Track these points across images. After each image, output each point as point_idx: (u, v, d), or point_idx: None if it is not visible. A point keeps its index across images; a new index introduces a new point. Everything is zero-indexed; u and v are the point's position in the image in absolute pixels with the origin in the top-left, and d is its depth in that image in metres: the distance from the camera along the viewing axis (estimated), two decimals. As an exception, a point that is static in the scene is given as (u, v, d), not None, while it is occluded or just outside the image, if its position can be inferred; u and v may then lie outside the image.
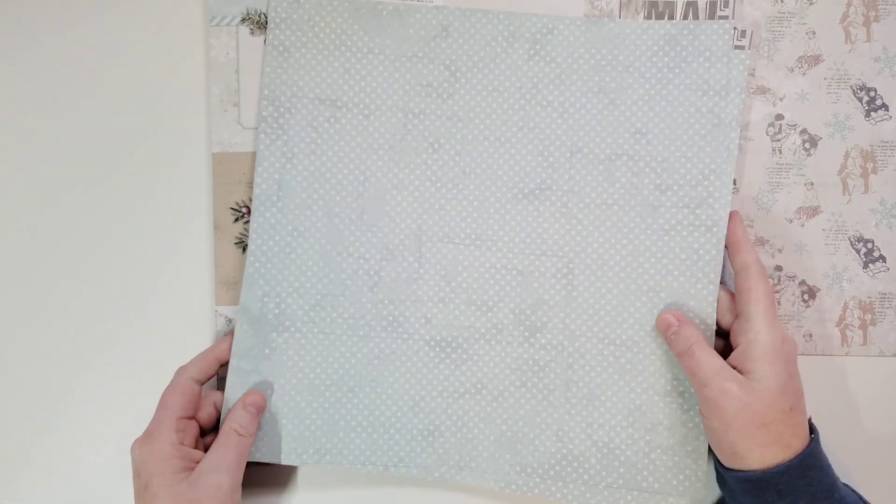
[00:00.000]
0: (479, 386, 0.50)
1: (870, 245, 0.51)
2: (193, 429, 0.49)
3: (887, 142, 0.51)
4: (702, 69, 0.50)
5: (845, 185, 0.51)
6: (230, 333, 0.51)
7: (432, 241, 0.51)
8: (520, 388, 0.50)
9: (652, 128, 0.51)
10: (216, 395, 0.51)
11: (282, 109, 0.51)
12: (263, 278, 0.51)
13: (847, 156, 0.51)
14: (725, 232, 0.49)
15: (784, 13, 0.52)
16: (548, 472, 0.49)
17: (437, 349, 0.51)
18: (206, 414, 0.51)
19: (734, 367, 0.45)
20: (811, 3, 0.51)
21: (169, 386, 0.49)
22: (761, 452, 0.43)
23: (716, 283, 0.50)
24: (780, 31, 0.52)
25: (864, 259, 0.52)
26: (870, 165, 0.51)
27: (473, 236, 0.51)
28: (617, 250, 0.50)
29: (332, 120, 0.52)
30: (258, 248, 0.51)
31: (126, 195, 0.55)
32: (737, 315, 0.48)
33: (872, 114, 0.51)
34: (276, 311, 0.51)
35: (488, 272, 0.51)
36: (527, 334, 0.51)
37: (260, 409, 0.50)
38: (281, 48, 0.52)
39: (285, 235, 0.51)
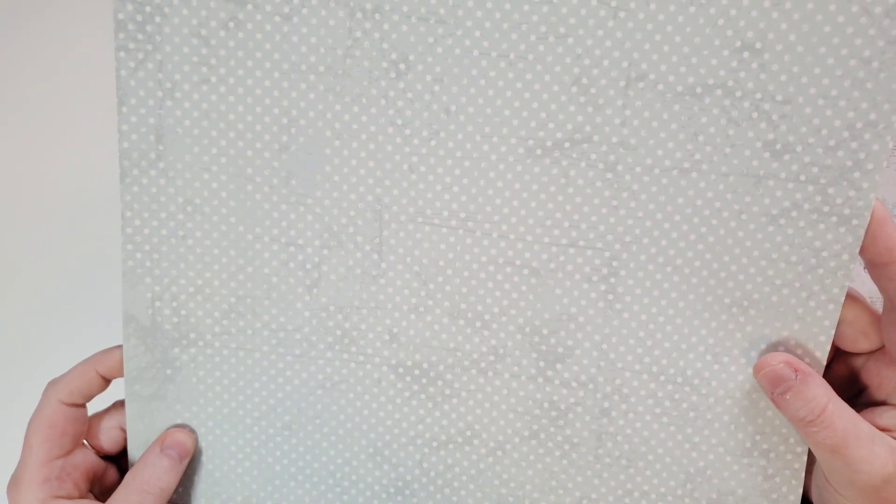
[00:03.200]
0: (468, 434, 0.35)
1: None
2: (79, 467, 0.35)
3: None
4: None
5: None
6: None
7: (399, 219, 0.33)
8: (529, 439, 0.34)
9: (773, 41, 0.29)
10: (121, 414, 0.37)
11: (147, 8, 0.31)
12: (150, 274, 0.34)
13: None
14: (865, 226, 0.30)
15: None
16: None
17: (408, 378, 0.35)
18: (109, 440, 0.37)
19: (884, 429, 0.31)
20: None
21: (34, 413, 0.35)
22: None
23: (839, 304, 0.31)
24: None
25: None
26: None
27: (462, 214, 0.33)
28: (690, 243, 0.32)
29: (231, 25, 0.31)
30: (136, 231, 0.34)
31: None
32: (890, 357, 0.31)
33: None
34: (175, 319, 0.35)
35: (484, 270, 0.33)
36: (542, 364, 0.34)
37: (184, 454, 0.35)
38: None
39: (174, 211, 0.33)
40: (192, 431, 0.36)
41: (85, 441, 0.37)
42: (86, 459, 0.36)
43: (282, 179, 0.33)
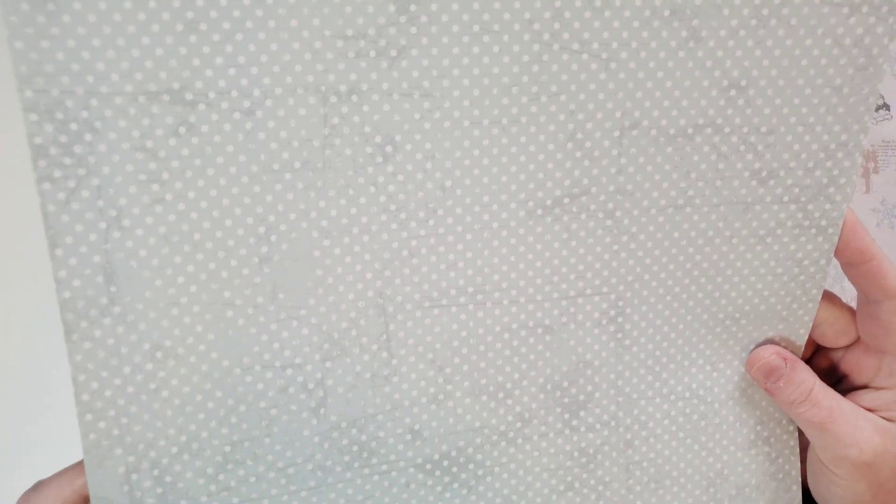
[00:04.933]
0: None
1: None
2: None
3: (888, 142, 0.51)
4: None
5: None
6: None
7: (405, 310, 0.30)
8: (565, 492, 0.34)
9: (757, 78, 0.30)
10: None
11: (73, 125, 0.25)
12: (121, 444, 0.28)
13: None
14: (839, 233, 0.32)
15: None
16: None
17: (438, 472, 0.32)
18: None
19: (868, 409, 0.34)
20: None
21: None
22: None
23: (817, 302, 0.34)
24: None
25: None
26: (871, 165, 0.53)
27: (470, 289, 0.31)
28: (686, 271, 0.32)
29: (182, 131, 0.26)
30: (95, 395, 0.28)
31: None
32: (865, 346, 0.34)
33: (874, 114, 0.50)
34: (158, 489, 0.29)
35: (500, 340, 0.32)
36: (567, 417, 0.33)
37: None
38: None
39: (140, 362, 0.28)
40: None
41: None
42: None
43: (267, 296, 0.28)
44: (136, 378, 0.28)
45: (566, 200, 0.30)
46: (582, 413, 0.33)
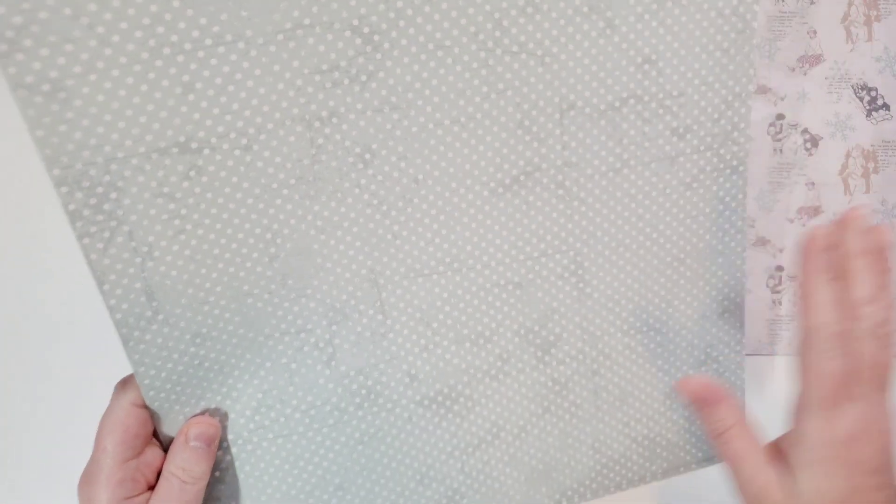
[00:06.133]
0: (495, 430, 0.41)
1: None
2: (150, 465, 0.36)
3: (888, 142, 0.51)
4: None
5: (846, 184, 0.51)
6: None
7: (393, 281, 0.36)
8: (543, 415, 0.41)
9: (664, 51, 0.35)
10: None
11: (99, 189, 0.29)
12: (178, 403, 0.35)
13: (848, 156, 0.51)
14: (746, 168, 0.39)
15: (785, 13, 0.50)
16: (589, 487, 0.44)
17: (434, 406, 0.39)
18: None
19: (784, 451, 0.36)
20: (812, 3, 0.49)
21: (105, 416, 0.35)
22: None
23: (744, 233, 0.40)
24: (780, 30, 0.50)
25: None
26: (871, 165, 0.51)
27: (447, 260, 0.36)
28: (632, 224, 0.38)
29: (193, 174, 0.30)
30: (152, 381, 0.33)
31: None
32: None
33: (874, 113, 0.50)
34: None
35: (477, 297, 0.38)
36: (539, 354, 0.40)
37: (211, 440, 0.36)
38: (43, 86, 0.27)
39: (184, 348, 0.33)
40: (214, 421, 0.36)
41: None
42: (155, 457, 0.36)
43: (279, 283, 0.34)
44: (183, 360, 0.34)
45: (522, 178, 0.36)
46: (553, 350, 0.40)
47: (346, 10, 0.30)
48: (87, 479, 0.34)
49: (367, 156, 0.33)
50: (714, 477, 0.43)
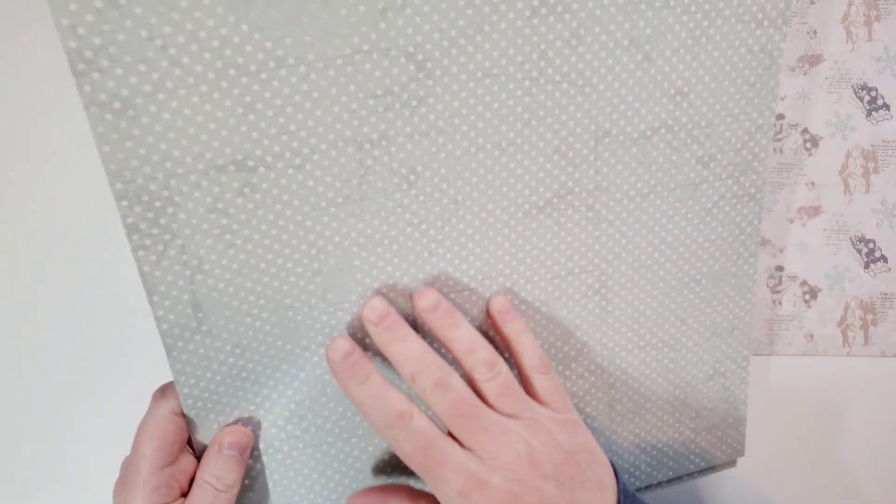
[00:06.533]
0: None
1: (871, 245, 0.51)
2: (185, 473, 0.37)
3: (888, 142, 0.50)
4: None
5: (846, 185, 0.51)
6: None
7: None
8: None
9: (695, 84, 0.36)
10: None
11: (157, 203, 0.30)
12: (213, 411, 0.35)
13: (848, 156, 0.50)
14: (764, 196, 0.40)
15: (784, 13, 0.50)
16: None
17: None
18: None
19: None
20: (812, 3, 0.48)
21: (144, 422, 0.36)
22: None
23: (756, 256, 0.42)
24: (780, 30, 0.50)
25: (866, 259, 0.51)
26: (871, 165, 0.51)
27: (480, 277, 0.37)
28: (655, 247, 0.40)
29: (247, 191, 0.31)
30: (192, 390, 0.34)
31: None
32: None
33: (874, 113, 0.50)
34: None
35: None
36: (560, 368, 0.41)
37: (244, 449, 0.37)
38: (114, 104, 0.28)
39: (224, 359, 0.34)
40: (246, 430, 0.37)
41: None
42: (189, 465, 0.37)
43: (319, 297, 0.35)
44: (222, 370, 0.34)
45: (555, 200, 0.37)
46: (573, 365, 0.42)
47: (403, 38, 0.31)
48: (124, 483, 0.35)
49: (412, 177, 0.34)
50: (714, 481, 0.45)
